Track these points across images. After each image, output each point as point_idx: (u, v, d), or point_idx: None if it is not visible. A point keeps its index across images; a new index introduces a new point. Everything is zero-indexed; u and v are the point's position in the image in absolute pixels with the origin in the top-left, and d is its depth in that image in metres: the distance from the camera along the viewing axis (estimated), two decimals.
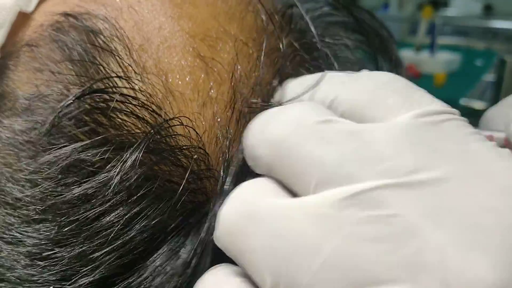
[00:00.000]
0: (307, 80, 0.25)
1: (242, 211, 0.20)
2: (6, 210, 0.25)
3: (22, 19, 0.28)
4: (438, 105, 0.21)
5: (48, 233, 0.23)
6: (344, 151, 0.19)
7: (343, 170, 0.19)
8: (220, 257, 0.22)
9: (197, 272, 0.23)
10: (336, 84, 0.24)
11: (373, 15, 0.34)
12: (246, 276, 0.21)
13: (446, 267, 0.16)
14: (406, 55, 1.55)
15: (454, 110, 0.21)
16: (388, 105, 0.21)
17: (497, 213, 0.17)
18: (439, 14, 1.98)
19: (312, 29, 0.29)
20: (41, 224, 0.23)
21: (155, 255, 0.23)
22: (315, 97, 0.24)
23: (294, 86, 0.26)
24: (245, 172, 0.24)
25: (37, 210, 0.23)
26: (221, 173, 0.24)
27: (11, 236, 0.24)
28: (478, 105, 1.21)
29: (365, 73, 0.24)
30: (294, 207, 0.19)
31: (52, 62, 0.26)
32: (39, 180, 0.23)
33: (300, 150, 0.20)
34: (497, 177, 0.18)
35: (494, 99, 1.12)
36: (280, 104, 0.25)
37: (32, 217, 0.23)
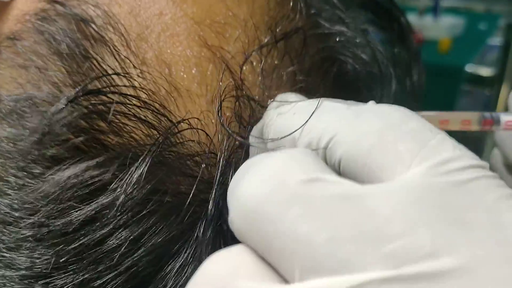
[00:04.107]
0: (301, 108, 0.20)
1: None
2: None
3: (1, 9, 0.25)
4: (462, 153, 0.16)
5: (45, 260, 0.20)
6: (337, 226, 0.15)
7: (336, 254, 0.14)
8: None
9: None
10: (335, 119, 0.19)
11: (393, 2, 0.31)
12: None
13: None
14: (409, 19, 1.50)
15: (482, 162, 0.16)
16: (398, 153, 0.16)
17: None
18: None
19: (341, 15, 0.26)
20: (36, 252, 0.20)
21: (163, 274, 0.21)
22: (309, 133, 0.19)
23: (287, 117, 0.21)
24: None
25: (30, 236, 0.20)
26: (215, 183, 0.21)
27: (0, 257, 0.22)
28: (484, 71, 1.18)
29: (371, 107, 0.19)
30: None
31: (38, 57, 0.22)
32: (32, 203, 0.20)
33: (279, 222, 0.15)
34: None
35: (502, 65, 1.08)
36: (266, 140, 0.21)
37: (25, 237, 0.21)
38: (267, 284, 0.15)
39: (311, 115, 0.19)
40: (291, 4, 0.26)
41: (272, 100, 0.23)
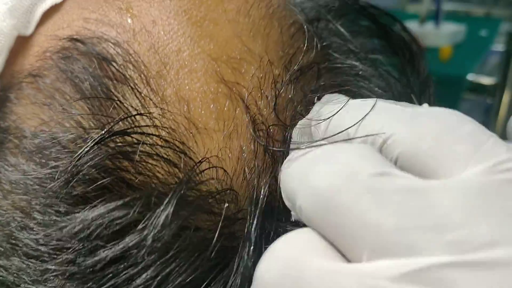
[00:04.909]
0: (354, 107, 0.22)
1: (286, 272, 0.18)
2: (19, 258, 0.23)
3: (21, 44, 0.26)
4: None
5: None
6: (404, 215, 0.16)
7: (403, 239, 0.16)
8: None
9: None
10: (391, 119, 0.20)
11: (404, 26, 0.31)
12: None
13: None
14: (409, 27, 1.50)
15: None
16: (456, 155, 0.18)
17: None
18: None
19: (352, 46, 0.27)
20: (63, 287, 0.21)
21: None
22: (365, 131, 0.20)
23: (340, 115, 0.22)
24: (273, 212, 0.22)
25: (57, 271, 0.21)
26: (249, 218, 0.22)
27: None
28: (486, 80, 1.18)
29: (426, 110, 0.20)
30: (347, 275, 0.16)
31: (61, 95, 0.23)
32: (59, 240, 0.21)
33: (352, 210, 0.17)
34: None
35: (503, 74, 1.09)
36: (321, 140, 0.22)
37: (52, 271, 0.21)
38: (337, 262, 0.17)
39: (368, 112, 0.20)
40: (304, 37, 0.27)
41: (316, 98, 0.24)
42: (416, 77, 0.31)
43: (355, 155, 0.19)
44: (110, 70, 0.23)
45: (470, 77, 1.18)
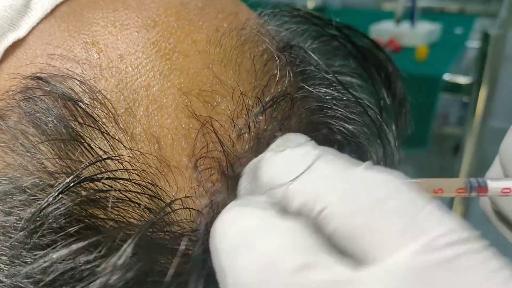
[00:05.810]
0: (294, 159, 0.21)
1: None
2: None
3: None
4: (449, 227, 0.16)
5: None
6: None
7: None
8: None
9: None
10: (326, 188, 0.19)
11: (379, 47, 0.31)
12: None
13: None
14: (386, 27, 1.51)
15: (470, 234, 0.16)
16: (386, 234, 0.17)
17: None
18: None
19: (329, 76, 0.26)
20: None
21: None
22: (303, 196, 0.19)
23: (279, 165, 0.21)
24: None
25: None
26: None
27: None
28: (463, 80, 1.19)
29: (361, 177, 0.19)
30: None
31: (25, 137, 0.22)
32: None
33: None
34: None
35: (479, 74, 1.11)
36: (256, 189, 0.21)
37: None
38: None
39: (302, 173, 0.20)
40: (276, 66, 0.26)
41: (275, 138, 0.23)
42: (392, 99, 0.31)
43: (280, 244, 0.18)
44: (76, 110, 0.22)
45: (446, 76, 1.19)
